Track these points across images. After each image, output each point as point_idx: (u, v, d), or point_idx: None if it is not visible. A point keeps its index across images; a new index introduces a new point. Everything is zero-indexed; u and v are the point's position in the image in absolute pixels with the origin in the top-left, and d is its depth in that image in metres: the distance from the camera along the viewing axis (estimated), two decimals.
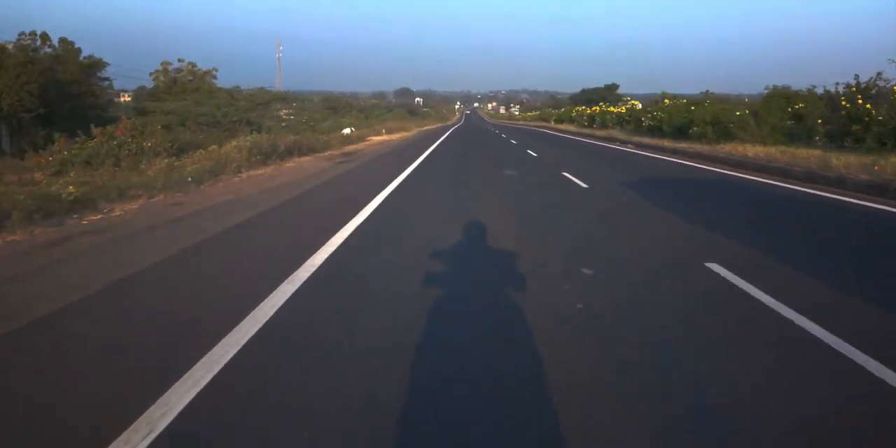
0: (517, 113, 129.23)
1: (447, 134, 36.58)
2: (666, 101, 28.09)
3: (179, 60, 40.91)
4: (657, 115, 25.96)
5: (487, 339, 3.02)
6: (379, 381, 2.51)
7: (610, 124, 31.34)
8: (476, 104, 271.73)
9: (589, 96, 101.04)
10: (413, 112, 75.59)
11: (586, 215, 7.37)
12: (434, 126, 59.82)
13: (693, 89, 29.23)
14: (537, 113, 69.09)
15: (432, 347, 2.91)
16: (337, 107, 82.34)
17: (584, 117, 35.62)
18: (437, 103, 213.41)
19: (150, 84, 43.07)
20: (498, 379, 2.55)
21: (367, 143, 24.84)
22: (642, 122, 27.45)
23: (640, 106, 32.54)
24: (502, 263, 4.62)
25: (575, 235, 5.95)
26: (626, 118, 29.28)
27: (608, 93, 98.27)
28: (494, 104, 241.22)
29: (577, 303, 3.60)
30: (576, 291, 3.85)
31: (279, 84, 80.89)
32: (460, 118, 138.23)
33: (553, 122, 44.51)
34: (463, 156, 18.40)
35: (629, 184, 9.92)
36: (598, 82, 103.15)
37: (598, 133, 29.17)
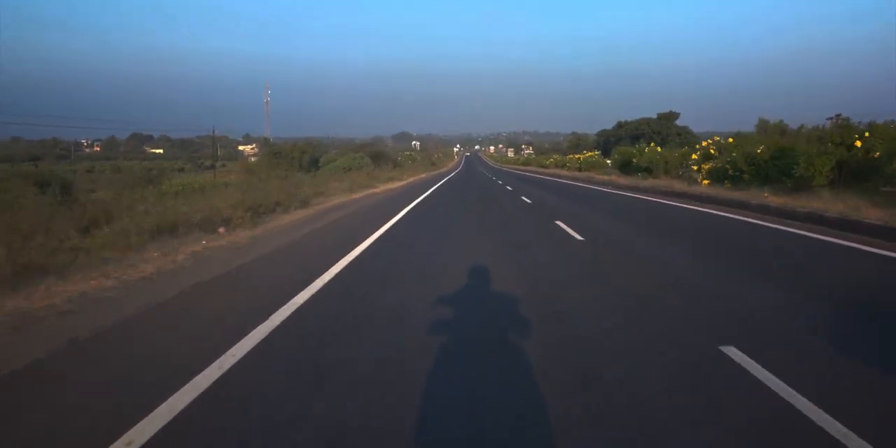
0: (533, 155, 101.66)
1: (371, 243, 8.69)
2: None
3: None
4: None
5: None
6: None
7: None
8: (477, 146, 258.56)
9: (633, 131, 74.29)
10: (380, 158, 48.19)
11: None
12: (403, 182, 32.28)
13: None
14: (588, 156, 39.90)
15: None
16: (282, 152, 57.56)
17: None
18: (435, 145, 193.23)
19: None
20: None
21: None
22: None
23: None
24: None
25: None
26: None
27: (663, 125, 71.83)
28: (501, 146, 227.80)
29: None
30: None
31: (267, 130, 62.69)
32: (458, 164, 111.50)
33: (704, 177, 14.77)
34: None
35: None
36: (606, 123, 76.89)
37: None
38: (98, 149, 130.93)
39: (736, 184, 13.42)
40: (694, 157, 17.32)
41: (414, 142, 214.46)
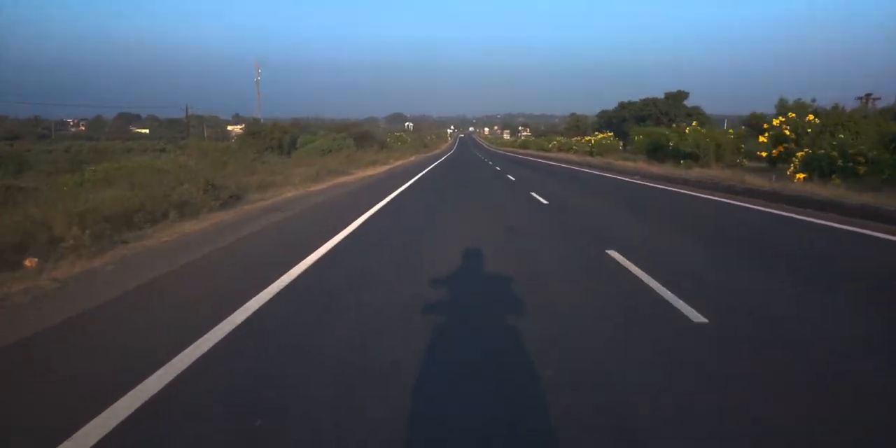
0: (532, 137, 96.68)
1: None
2: None
3: None
4: None
5: None
6: None
7: None
8: (471, 128, 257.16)
9: (637, 112, 69.28)
10: (365, 139, 43.69)
11: None
12: (386, 167, 28.04)
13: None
14: (601, 137, 34.73)
15: None
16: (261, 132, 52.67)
17: None
18: (429, 127, 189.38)
19: None
20: None
21: None
22: None
23: None
24: None
25: None
26: None
27: (671, 105, 66.81)
28: (496, 127, 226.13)
29: None
30: None
31: (258, 110, 60.32)
32: (451, 146, 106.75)
33: (797, 170, 10.04)
34: None
35: None
36: (604, 105, 72.05)
37: None
38: (83, 128, 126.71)
39: (846, 180, 9.19)
40: (762, 140, 12.91)
41: (407, 123, 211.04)
